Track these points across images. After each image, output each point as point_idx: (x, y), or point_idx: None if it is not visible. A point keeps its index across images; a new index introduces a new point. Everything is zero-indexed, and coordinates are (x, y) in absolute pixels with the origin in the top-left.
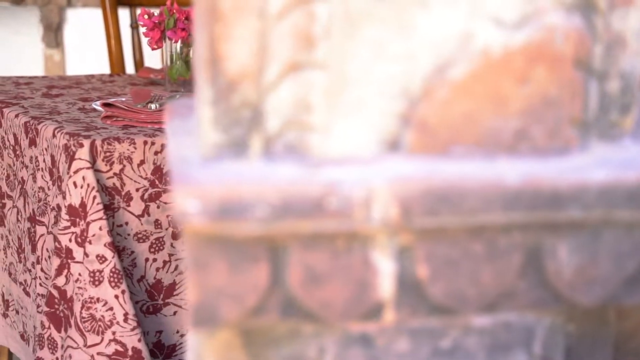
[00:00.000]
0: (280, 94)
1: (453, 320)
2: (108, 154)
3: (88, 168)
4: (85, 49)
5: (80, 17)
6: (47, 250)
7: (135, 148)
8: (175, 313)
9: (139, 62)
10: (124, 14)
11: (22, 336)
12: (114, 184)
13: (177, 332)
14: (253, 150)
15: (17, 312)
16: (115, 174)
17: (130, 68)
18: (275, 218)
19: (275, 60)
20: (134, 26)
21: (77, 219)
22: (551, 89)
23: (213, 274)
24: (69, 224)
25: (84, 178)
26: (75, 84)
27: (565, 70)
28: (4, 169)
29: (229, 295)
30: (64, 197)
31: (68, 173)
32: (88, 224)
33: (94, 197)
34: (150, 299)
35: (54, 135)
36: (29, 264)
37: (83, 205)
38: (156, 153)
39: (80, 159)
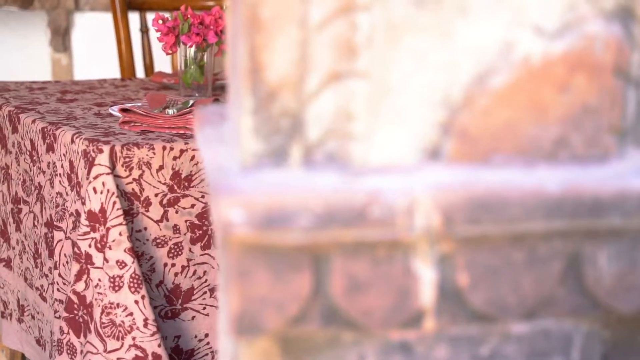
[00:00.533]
0: (321, 103)
1: (492, 328)
2: (127, 159)
3: (108, 174)
4: (93, 53)
5: (87, 21)
6: (65, 255)
7: (154, 153)
8: (193, 318)
9: (149, 67)
10: (133, 18)
11: (37, 341)
12: (133, 189)
13: (195, 337)
14: (293, 159)
15: (33, 317)
16: (134, 179)
17: (140, 72)
18: (319, 227)
19: (316, 69)
20: (144, 30)
21: (97, 225)
22: (591, 97)
23: (256, 283)
24: (88, 229)
25: (103, 184)
26: (88, 88)
27: (604, 79)
28: (19, 174)
29: (271, 304)
30: (83, 203)
31: (87, 179)
32: (108, 229)
33: (114, 203)
34: (169, 304)
35: (72, 141)
36: (45, 269)
37: (103, 210)
38: (175, 158)
39: (100, 164)
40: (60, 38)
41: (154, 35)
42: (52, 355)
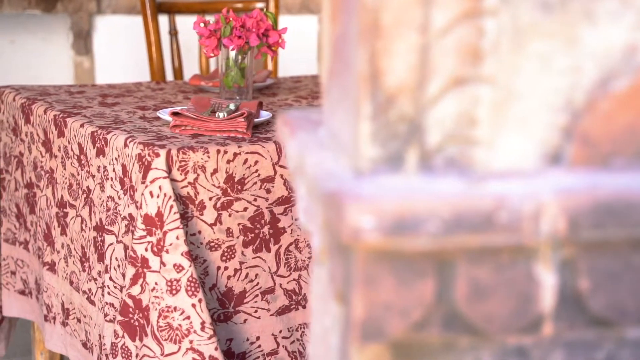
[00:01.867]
0: (442, 108)
1: (608, 333)
2: (183, 163)
3: (164, 177)
4: (115, 56)
5: (109, 24)
6: (116, 259)
7: (208, 157)
8: (245, 321)
9: (177, 69)
10: (162, 20)
11: (84, 345)
12: (188, 193)
13: (247, 339)
14: (409, 164)
15: (79, 321)
16: (189, 183)
17: (169, 75)
18: (446, 233)
19: (437, 74)
20: (173, 33)
21: (153, 228)
22: None
23: (381, 289)
24: (144, 233)
25: (160, 187)
26: (126, 92)
27: None
28: (66, 178)
29: (395, 310)
30: (139, 207)
31: (143, 183)
32: (165, 233)
33: (171, 207)
34: (222, 307)
35: (125, 145)
36: (94, 273)
37: (159, 214)
38: (228, 162)
39: (156, 168)
40: (82, 41)
41: (182, 38)
42: (100, 359)
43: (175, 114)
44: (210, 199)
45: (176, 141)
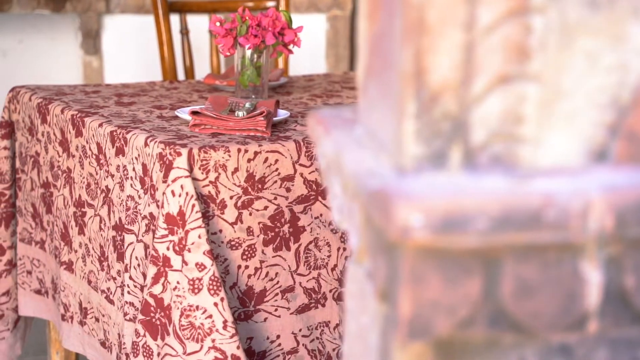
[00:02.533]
0: (487, 106)
1: None
2: (204, 162)
3: (186, 177)
4: (123, 55)
5: (118, 24)
6: (136, 258)
7: (229, 156)
8: (265, 319)
9: (189, 68)
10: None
11: (102, 344)
12: (209, 191)
13: (267, 338)
14: (452, 162)
15: (97, 320)
16: (210, 182)
17: (180, 74)
18: (494, 231)
19: (482, 72)
20: (184, 32)
21: (175, 228)
22: None
23: (429, 287)
24: (166, 232)
25: (182, 187)
26: (141, 91)
27: None
28: (83, 177)
29: (442, 308)
30: (161, 206)
31: (165, 182)
32: (187, 232)
33: (193, 206)
34: (242, 306)
35: (146, 144)
36: (113, 272)
37: (181, 213)
38: (249, 160)
39: (178, 167)
40: (92, 41)
41: (193, 37)
42: (119, 358)
43: (194, 112)
44: (231, 197)
45: (197, 140)
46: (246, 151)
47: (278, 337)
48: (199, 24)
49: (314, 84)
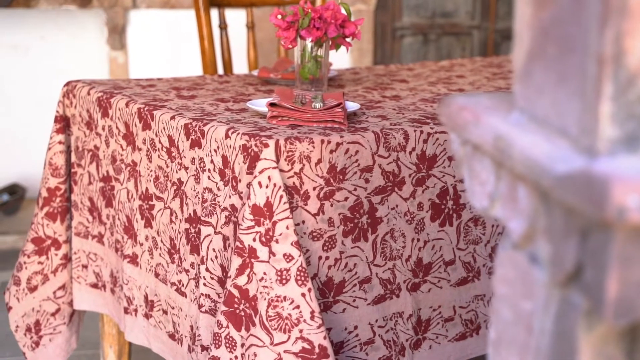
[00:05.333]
0: None
1: None
2: (290, 153)
3: (274, 168)
4: (149, 50)
5: (143, 19)
6: (213, 250)
7: (313, 147)
8: (344, 310)
9: (227, 62)
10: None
11: (171, 336)
12: (293, 183)
13: (345, 329)
14: None
15: (165, 313)
16: (295, 173)
17: (219, 69)
18: None
19: None
20: (223, 27)
21: (262, 219)
22: None
23: (636, 269)
24: (252, 223)
25: (269, 178)
26: (195, 85)
27: None
28: (151, 171)
29: None
30: (248, 197)
31: (251, 173)
32: (274, 223)
33: (281, 197)
34: (322, 297)
35: (227, 136)
36: (185, 265)
37: (269, 204)
38: (331, 152)
39: (265, 159)
40: (118, 36)
41: (232, 31)
42: (192, 349)
43: (272, 104)
44: (314, 188)
45: (278, 132)
46: (329, 142)
47: (355, 327)
48: (234, 19)
49: (361, 77)
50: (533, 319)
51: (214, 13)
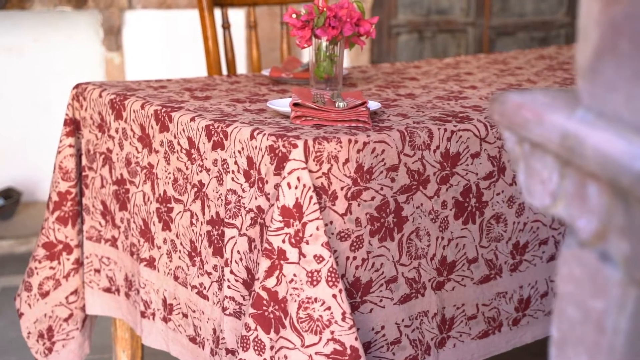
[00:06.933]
0: None
1: None
2: (318, 153)
3: (303, 168)
4: (145, 51)
5: (139, 19)
6: (238, 252)
7: (341, 147)
8: (371, 310)
9: (230, 62)
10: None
11: (192, 339)
12: (322, 183)
13: (372, 329)
14: None
15: (185, 316)
16: (323, 173)
17: (223, 68)
18: None
19: None
20: (226, 26)
21: (291, 220)
22: None
23: None
24: (282, 225)
25: (298, 179)
26: (206, 86)
27: None
28: (169, 173)
29: None
30: (277, 198)
31: (279, 174)
32: (304, 224)
33: (310, 197)
34: (349, 297)
35: (252, 137)
36: (208, 267)
37: (298, 205)
38: (358, 151)
39: (294, 159)
40: (113, 37)
41: (235, 31)
42: (215, 353)
43: (296, 104)
44: (342, 189)
45: (303, 132)
46: (356, 142)
47: (382, 327)
48: (232, 18)
49: (370, 76)
50: (605, 318)
51: (216, 13)
